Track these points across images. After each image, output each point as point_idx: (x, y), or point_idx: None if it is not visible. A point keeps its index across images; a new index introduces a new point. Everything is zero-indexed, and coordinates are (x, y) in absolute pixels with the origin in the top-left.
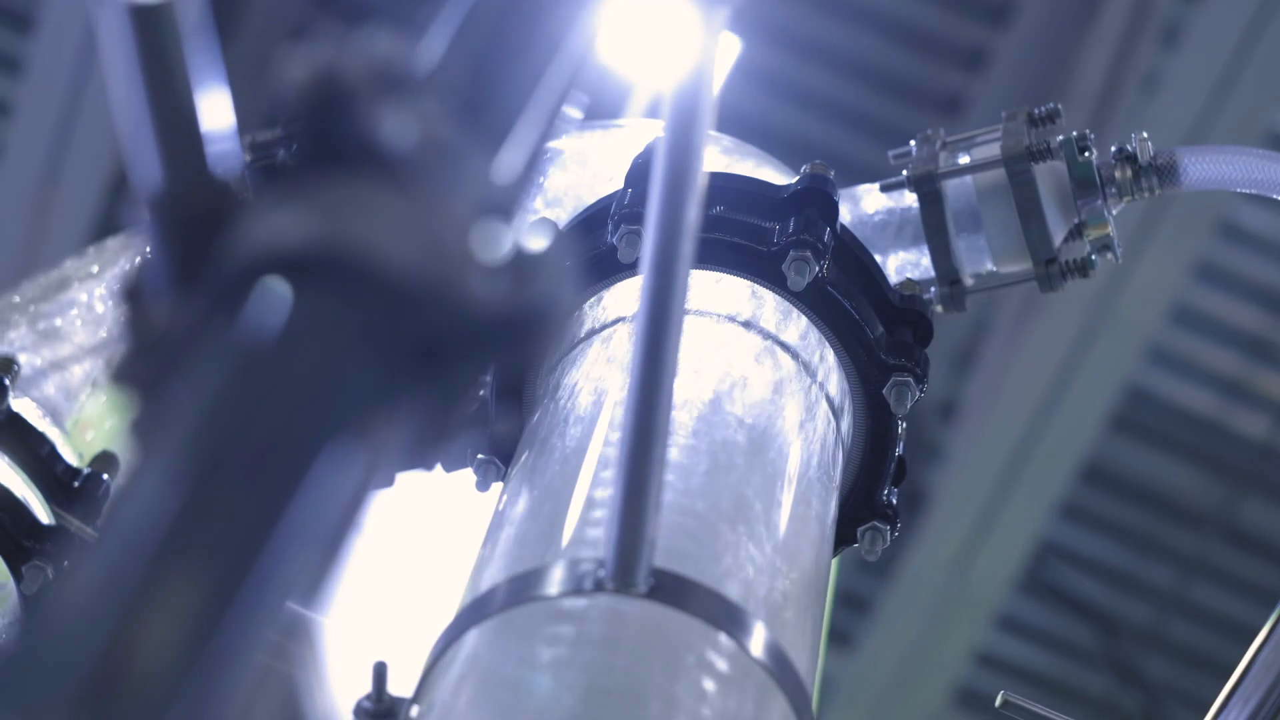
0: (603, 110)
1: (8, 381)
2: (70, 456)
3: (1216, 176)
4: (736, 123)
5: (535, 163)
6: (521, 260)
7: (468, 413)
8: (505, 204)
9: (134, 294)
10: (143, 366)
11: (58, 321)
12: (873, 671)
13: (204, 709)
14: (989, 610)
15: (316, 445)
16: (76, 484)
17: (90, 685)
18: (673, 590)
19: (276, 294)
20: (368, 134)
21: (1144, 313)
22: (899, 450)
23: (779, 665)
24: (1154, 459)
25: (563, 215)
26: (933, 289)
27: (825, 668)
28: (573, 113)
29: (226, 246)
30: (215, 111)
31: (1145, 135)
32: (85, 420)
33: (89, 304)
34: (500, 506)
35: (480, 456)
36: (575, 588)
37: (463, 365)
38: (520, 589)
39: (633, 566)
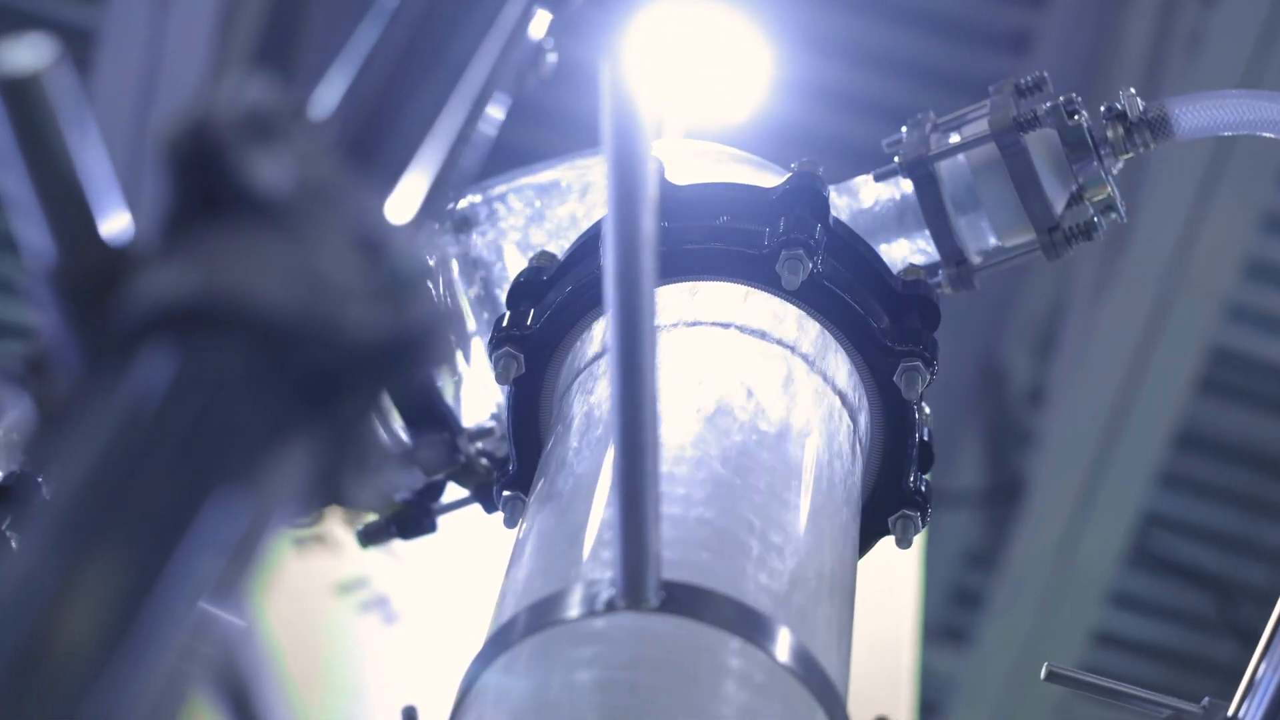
0: None
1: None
2: None
3: (1209, 123)
4: (784, 134)
5: (434, 194)
6: (399, 285)
7: (391, 446)
8: (388, 235)
9: (37, 367)
10: (50, 439)
11: None
12: (992, 665)
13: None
14: (1102, 589)
15: (202, 493)
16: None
17: None
18: (686, 601)
19: (162, 349)
20: (241, 180)
21: (1217, 271)
22: (924, 435)
23: (807, 669)
24: (1247, 417)
25: (566, 245)
26: (940, 271)
27: (944, 667)
28: (495, 113)
29: (116, 310)
30: (99, 177)
31: (1133, 91)
32: None
33: None
34: (520, 535)
35: (506, 493)
36: (589, 609)
37: (351, 397)
38: (539, 615)
39: (640, 582)
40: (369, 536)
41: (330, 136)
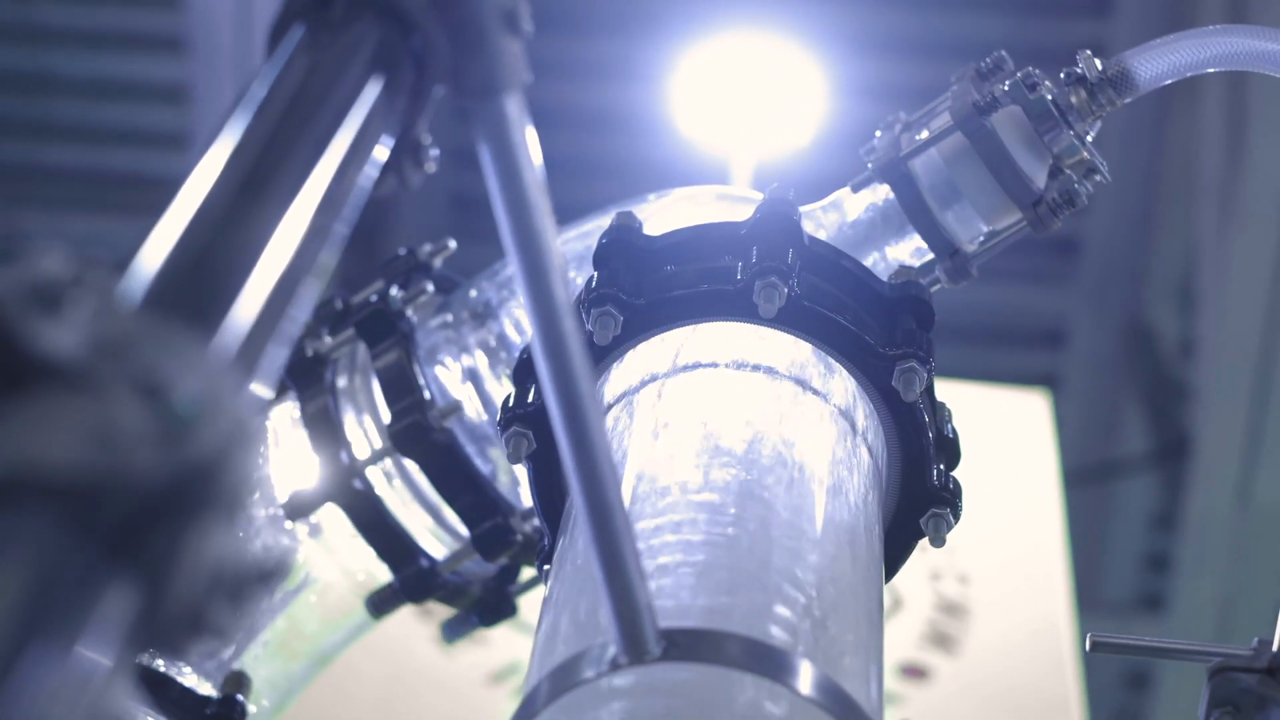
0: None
1: None
2: (204, 689)
3: (1168, 68)
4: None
5: (258, 330)
6: (182, 424)
7: (244, 565)
8: (172, 375)
9: None
10: None
11: None
12: (1195, 626)
13: None
14: None
15: (17, 659)
16: (210, 712)
17: None
18: (689, 646)
19: None
20: (30, 351)
21: None
22: (946, 431)
23: (834, 699)
24: None
25: None
26: (936, 266)
27: (1147, 635)
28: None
29: None
30: None
31: (1089, 52)
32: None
33: None
34: (543, 601)
35: (546, 568)
36: (597, 671)
37: (157, 540)
38: (559, 680)
39: (638, 635)
40: (453, 630)
41: (133, 289)
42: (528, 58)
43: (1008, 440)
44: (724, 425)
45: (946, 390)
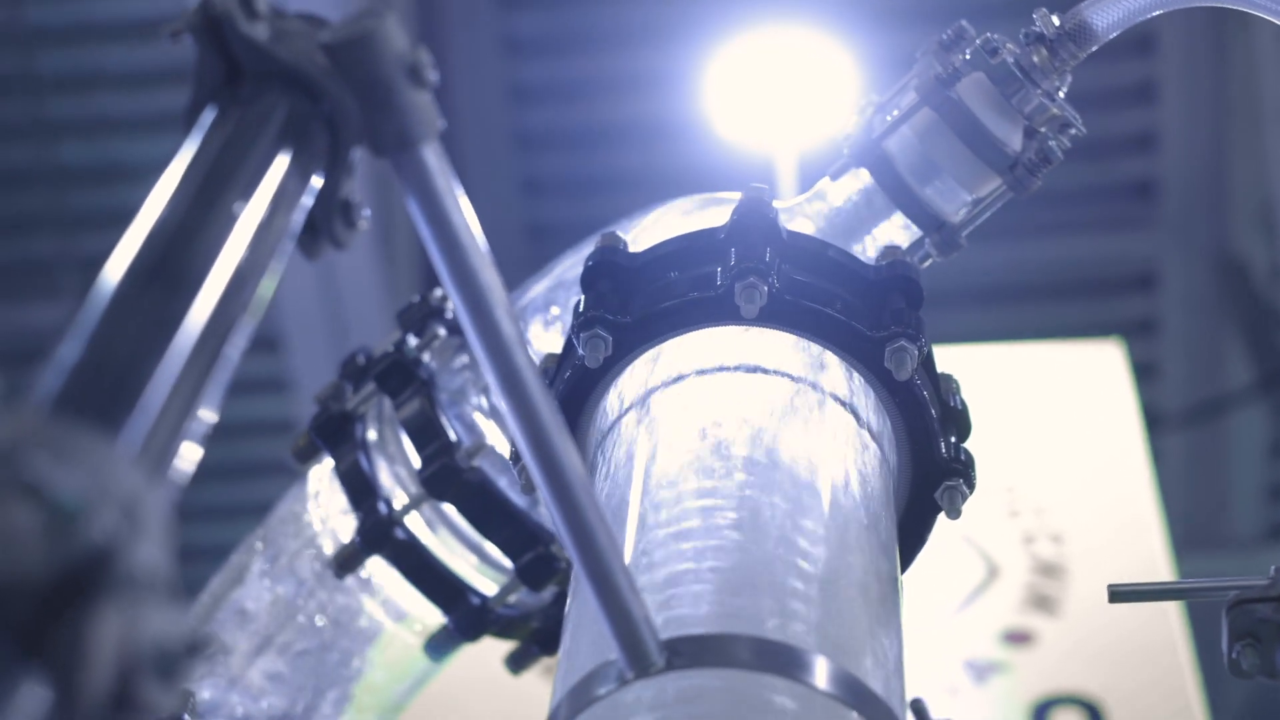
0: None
1: (187, 716)
2: None
3: (1122, 15)
4: None
5: (170, 416)
6: (65, 518)
7: (172, 641)
8: (51, 473)
9: None
10: None
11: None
12: None
13: None
14: None
15: None
16: None
17: None
18: (693, 653)
19: None
20: None
21: None
22: (953, 402)
23: (852, 692)
24: None
25: None
26: (925, 241)
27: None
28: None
29: None
30: None
31: (1045, 10)
32: None
33: (240, 607)
34: (564, 620)
35: None
36: (608, 688)
37: (58, 632)
38: (576, 699)
39: (640, 649)
40: (517, 663)
41: (45, 388)
42: (564, 81)
43: (1086, 394)
44: (720, 429)
45: (1016, 354)
